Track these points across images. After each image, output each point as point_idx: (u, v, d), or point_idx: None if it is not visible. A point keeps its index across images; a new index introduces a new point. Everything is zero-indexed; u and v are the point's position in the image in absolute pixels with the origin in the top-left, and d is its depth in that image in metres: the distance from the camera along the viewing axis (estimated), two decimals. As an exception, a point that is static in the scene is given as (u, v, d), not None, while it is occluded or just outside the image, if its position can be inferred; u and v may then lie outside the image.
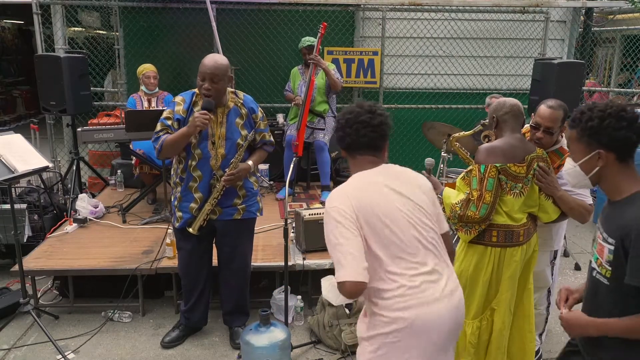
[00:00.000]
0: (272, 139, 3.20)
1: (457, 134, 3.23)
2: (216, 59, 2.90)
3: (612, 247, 1.61)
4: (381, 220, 1.79)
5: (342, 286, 1.71)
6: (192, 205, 3.03)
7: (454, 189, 2.64)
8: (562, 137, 2.66)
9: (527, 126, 2.78)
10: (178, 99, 3.00)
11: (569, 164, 1.75)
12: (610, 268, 1.62)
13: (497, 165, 2.38)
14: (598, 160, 1.65)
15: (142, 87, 4.99)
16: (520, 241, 2.48)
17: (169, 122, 2.94)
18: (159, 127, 2.96)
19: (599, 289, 1.68)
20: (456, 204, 2.47)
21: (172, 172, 3.15)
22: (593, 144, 1.65)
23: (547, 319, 3.05)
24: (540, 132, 2.55)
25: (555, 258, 2.93)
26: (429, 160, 2.80)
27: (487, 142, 2.66)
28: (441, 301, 1.80)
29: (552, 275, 2.94)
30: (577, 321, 1.74)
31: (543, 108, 2.56)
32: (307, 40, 4.98)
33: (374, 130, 1.89)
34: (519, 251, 2.48)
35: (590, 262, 1.76)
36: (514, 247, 2.47)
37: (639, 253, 1.52)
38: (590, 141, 1.65)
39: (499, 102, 2.55)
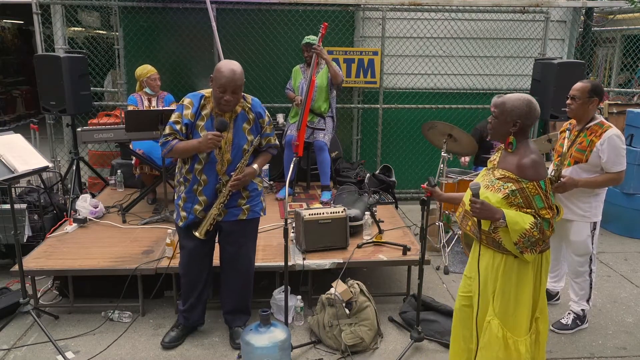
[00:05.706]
0: (277, 142, 3.21)
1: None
2: (234, 68, 2.80)
3: None
4: None
5: None
6: (197, 207, 3.03)
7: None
8: (599, 113, 3.16)
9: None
10: (186, 101, 2.96)
11: None
12: None
13: (549, 175, 2.35)
14: None
15: (146, 89, 4.94)
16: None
17: (178, 127, 2.93)
18: (167, 130, 2.95)
19: None
20: (531, 229, 2.20)
21: (176, 171, 3.15)
22: None
23: (591, 284, 3.41)
24: (569, 99, 3.11)
25: (595, 229, 3.31)
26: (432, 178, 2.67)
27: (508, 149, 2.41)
28: None
29: (593, 244, 3.33)
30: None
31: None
32: (308, 37, 4.99)
33: None
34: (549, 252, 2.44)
35: None
36: (549, 249, 2.43)
37: None
38: None
39: (524, 105, 2.27)
